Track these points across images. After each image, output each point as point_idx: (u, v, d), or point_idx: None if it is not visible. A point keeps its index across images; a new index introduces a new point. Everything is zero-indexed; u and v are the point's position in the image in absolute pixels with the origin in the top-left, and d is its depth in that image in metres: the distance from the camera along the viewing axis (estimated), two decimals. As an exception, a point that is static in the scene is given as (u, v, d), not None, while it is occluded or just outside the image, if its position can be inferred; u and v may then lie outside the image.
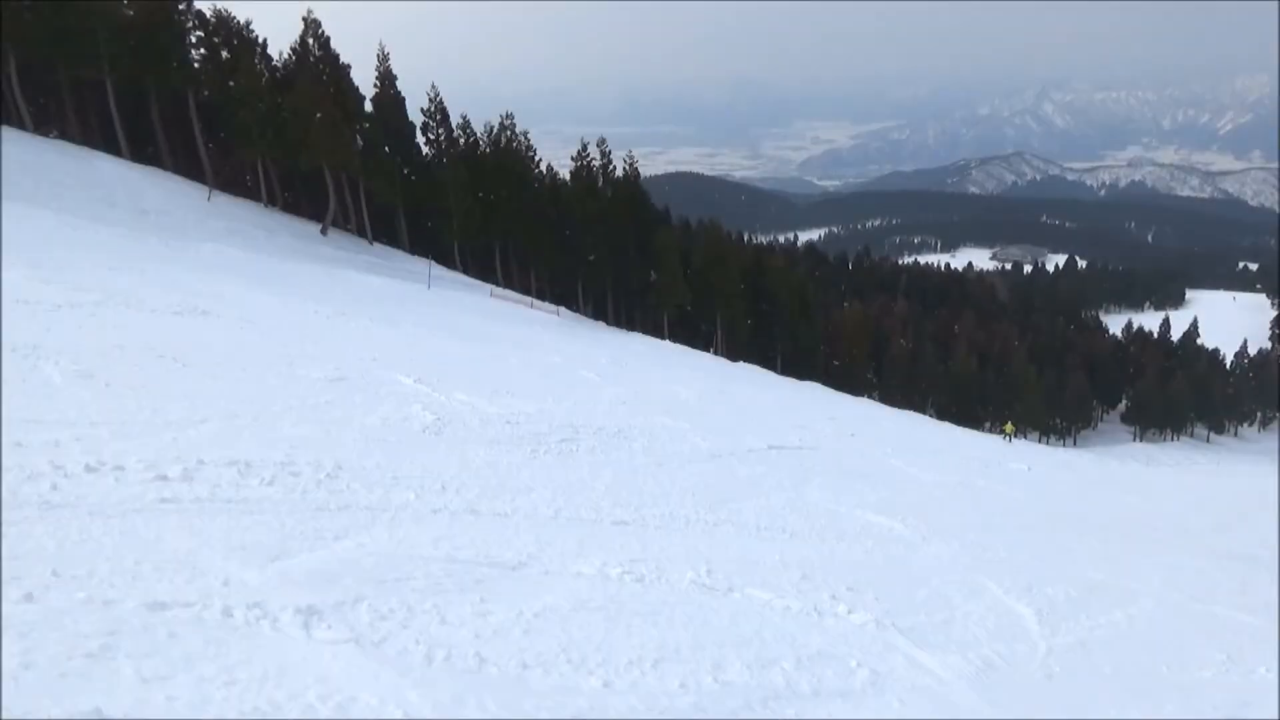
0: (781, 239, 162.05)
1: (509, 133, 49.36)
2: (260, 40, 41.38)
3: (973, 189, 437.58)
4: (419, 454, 7.66)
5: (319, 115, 37.74)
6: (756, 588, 5.85)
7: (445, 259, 44.59)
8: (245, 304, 14.85)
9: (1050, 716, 4.89)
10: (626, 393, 15.88)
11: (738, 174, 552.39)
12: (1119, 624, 7.40)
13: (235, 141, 39.16)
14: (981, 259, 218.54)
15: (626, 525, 6.90)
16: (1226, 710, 5.70)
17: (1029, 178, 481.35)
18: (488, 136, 48.87)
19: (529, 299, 41.26)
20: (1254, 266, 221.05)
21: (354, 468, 6.64)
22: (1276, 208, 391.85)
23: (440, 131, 47.18)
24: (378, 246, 42.52)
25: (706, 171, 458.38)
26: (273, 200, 41.44)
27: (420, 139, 47.48)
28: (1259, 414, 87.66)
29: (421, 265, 37.49)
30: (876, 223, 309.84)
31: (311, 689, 3.18)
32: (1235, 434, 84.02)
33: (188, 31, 39.11)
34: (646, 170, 59.02)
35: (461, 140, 47.80)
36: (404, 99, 45.91)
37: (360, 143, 41.89)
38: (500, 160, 47.41)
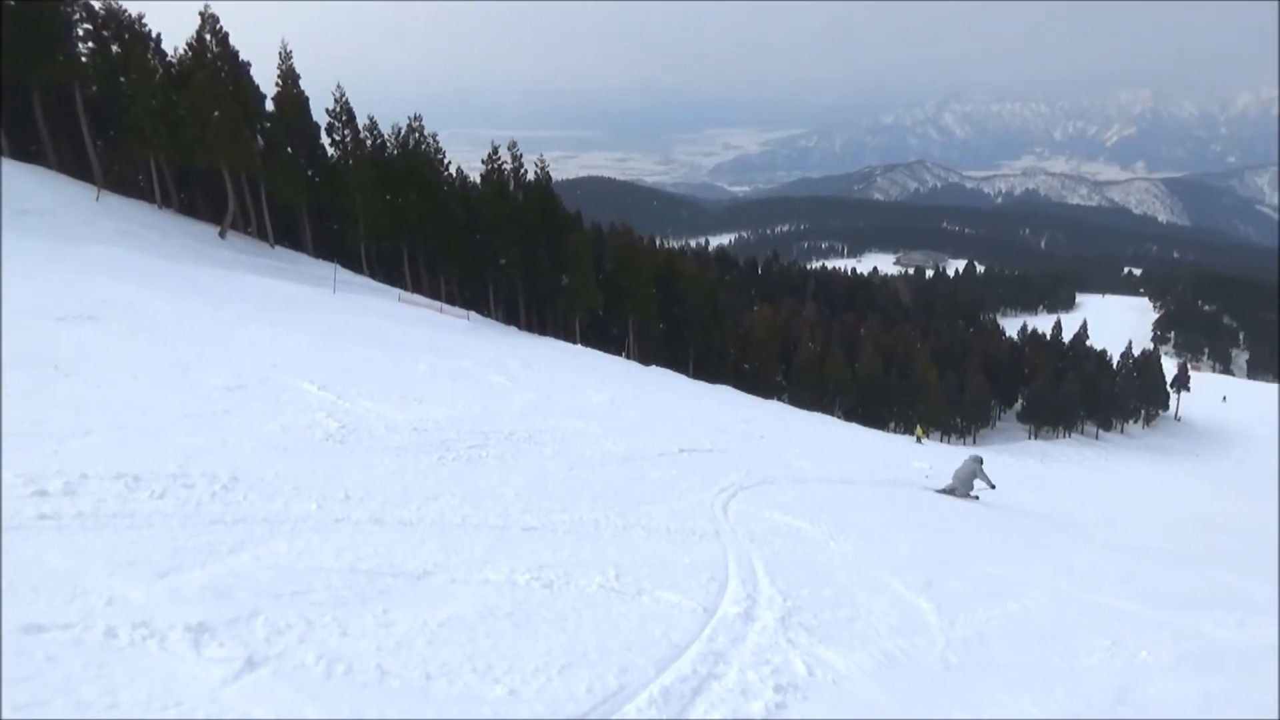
0: (693, 243, 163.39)
1: (417, 134, 48.58)
2: (154, 35, 39.72)
3: (877, 196, 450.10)
4: (322, 463, 7.47)
5: (217, 113, 36.42)
6: (665, 590, 5.88)
7: (352, 263, 43.58)
8: (137, 309, 14.22)
9: (948, 706, 5.04)
10: (537, 397, 15.80)
11: (649, 179, 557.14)
12: (1013, 615, 7.69)
13: (126, 139, 37.43)
14: (886, 264, 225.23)
15: (535, 531, 6.85)
16: (1111, 695, 5.98)
17: (931, 185, 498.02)
18: (395, 138, 47.98)
19: (439, 303, 40.62)
20: (1137, 271, 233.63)
21: (252, 478, 6.42)
22: (1159, 216, 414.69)
23: (346, 132, 46.07)
24: (280, 250, 41.26)
25: (618, 176, 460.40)
26: (167, 201, 39.77)
27: (325, 140, 46.32)
28: (1143, 411, 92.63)
29: (326, 269, 36.53)
30: (785, 228, 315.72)
31: (201, 709, 3.07)
32: (1121, 431, 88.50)
33: (75, 24, 37.25)
34: (558, 174, 58.77)
35: (368, 141, 46.77)
36: (307, 99, 44.64)
37: (261, 143, 40.60)
38: (408, 162, 46.60)
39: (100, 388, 8.31)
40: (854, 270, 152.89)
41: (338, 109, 45.80)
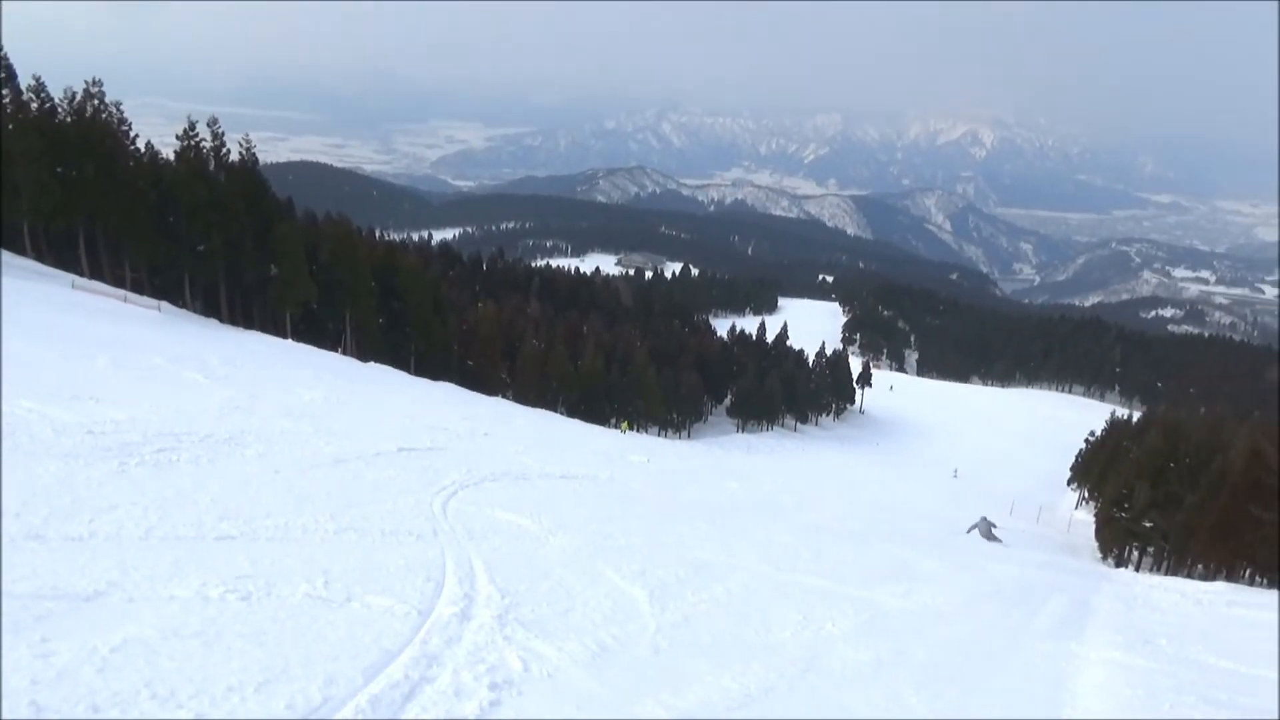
0: (415, 237, 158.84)
1: (97, 101, 43.06)
2: None
3: (600, 198, 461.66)
4: (-36, 473, 6.41)
5: None
6: (377, 595, 5.66)
7: (13, 243, 37.88)
8: None
9: (655, 688, 5.26)
10: (241, 396, 14.63)
11: (369, 167, 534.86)
12: (719, 597, 8.22)
13: None
14: (608, 264, 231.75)
15: (233, 540, 6.32)
16: (801, 663, 6.56)
17: (650, 190, 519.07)
18: (69, 103, 42.21)
19: (123, 292, 36.36)
20: (830, 279, 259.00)
21: None
22: (848, 230, 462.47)
23: (4, 92, 39.92)
24: (-85, 225, 35.03)
25: (335, 163, 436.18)
26: None
27: (-24, 100, 39.80)
28: (833, 405, 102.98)
29: (-22, 249, 31.53)
30: (510, 225, 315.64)
31: None
32: (816, 423, 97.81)
33: None
34: (267, 157, 54.83)
35: (34, 105, 40.80)
36: (-47, 49, 38.21)
37: (-111, 96, 34.18)
38: (84, 131, 41.16)
39: None
40: (577, 269, 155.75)
41: (-7, 64, 39.59)
